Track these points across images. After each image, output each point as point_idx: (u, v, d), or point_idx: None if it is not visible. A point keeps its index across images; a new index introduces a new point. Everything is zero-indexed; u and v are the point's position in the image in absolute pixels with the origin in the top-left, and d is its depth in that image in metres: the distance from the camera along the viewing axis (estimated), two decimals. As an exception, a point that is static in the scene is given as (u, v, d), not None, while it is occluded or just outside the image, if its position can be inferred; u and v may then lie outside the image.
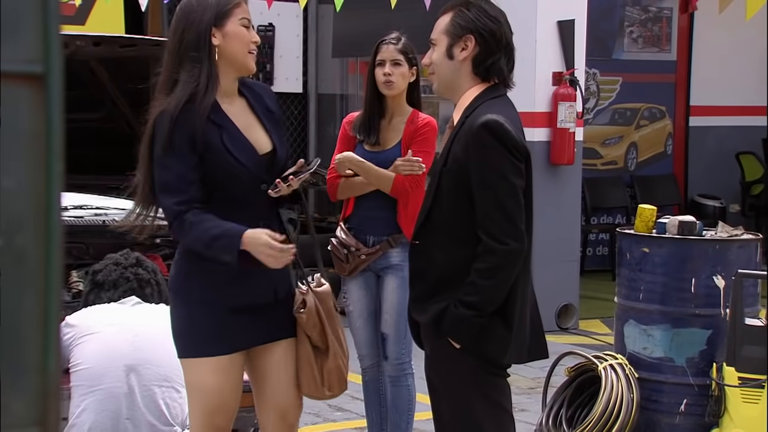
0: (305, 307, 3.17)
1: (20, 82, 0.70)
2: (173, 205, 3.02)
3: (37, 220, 0.72)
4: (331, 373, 3.22)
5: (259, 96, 3.24)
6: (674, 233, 4.83)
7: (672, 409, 4.79)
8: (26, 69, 0.71)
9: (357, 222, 4.30)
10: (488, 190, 2.89)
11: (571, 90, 7.46)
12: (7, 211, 0.71)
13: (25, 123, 0.72)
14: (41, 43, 0.70)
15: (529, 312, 3.03)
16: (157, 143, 3.05)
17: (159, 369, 3.38)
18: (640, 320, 4.86)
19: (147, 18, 8.34)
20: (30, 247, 0.72)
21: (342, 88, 10.10)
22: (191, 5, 3.12)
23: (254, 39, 3.15)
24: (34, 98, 0.71)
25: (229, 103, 3.15)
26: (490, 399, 3.01)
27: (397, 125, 4.30)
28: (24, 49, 0.71)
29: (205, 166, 3.06)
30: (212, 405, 3.14)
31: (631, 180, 9.96)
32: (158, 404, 3.36)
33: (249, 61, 3.13)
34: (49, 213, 0.71)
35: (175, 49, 3.09)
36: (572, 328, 7.64)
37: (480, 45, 3.00)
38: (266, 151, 3.16)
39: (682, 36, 10.00)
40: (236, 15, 3.11)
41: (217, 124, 3.08)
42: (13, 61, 0.70)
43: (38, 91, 0.70)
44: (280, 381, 3.22)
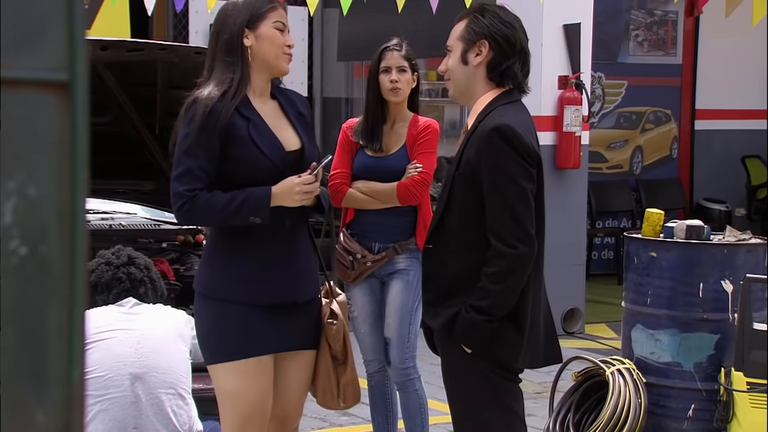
0: (336, 318, 3.18)
1: (45, 90, 0.69)
2: (185, 191, 3.05)
3: (62, 229, 0.71)
4: (348, 386, 3.24)
5: (292, 101, 3.29)
6: (682, 237, 4.81)
7: (680, 414, 4.77)
8: (51, 76, 0.70)
9: (360, 228, 4.28)
10: (499, 194, 2.90)
11: (577, 94, 7.45)
12: (31, 219, 0.71)
13: (49, 131, 0.71)
14: (66, 50, 0.69)
15: (542, 316, 3.02)
16: (183, 128, 3.10)
17: (164, 376, 3.36)
18: (648, 325, 4.85)
19: (152, 22, 8.34)
20: (54, 256, 0.71)
21: (347, 91, 10.10)
22: (228, 8, 3.20)
23: (288, 42, 3.19)
24: (59, 106, 0.70)
25: (260, 102, 3.20)
26: (503, 404, 3.01)
27: (399, 130, 4.29)
28: (49, 56, 0.71)
29: (230, 159, 3.08)
30: (239, 414, 3.12)
31: (636, 184, 9.95)
32: (166, 412, 3.34)
33: (281, 63, 3.18)
34: (73, 221, 0.70)
35: (212, 50, 3.19)
36: (578, 332, 7.63)
37: (494, 50, 3.01)
38: (293, 148, 3.18)
39: (688, 39, 9.99)
40: (270, 18, 3.16)
41: (246, 117, 3.12)
42: (38, 68, 0.69)
43: (63, 98, 0.70)
44: (291, 389, 3.23)
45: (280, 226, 3.10)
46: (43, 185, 0.71)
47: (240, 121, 3.10)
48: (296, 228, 3.17)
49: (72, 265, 0.71)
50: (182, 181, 3.06)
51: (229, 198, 3.04)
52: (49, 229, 0.71)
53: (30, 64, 0.70)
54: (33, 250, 0.71)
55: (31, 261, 0.71)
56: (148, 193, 5.09)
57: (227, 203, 3.03)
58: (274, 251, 3.12)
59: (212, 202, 3.03)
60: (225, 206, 3.03)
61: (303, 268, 3.18)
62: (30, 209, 0.71)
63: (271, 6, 3.17)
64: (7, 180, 0.70)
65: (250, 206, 3.03)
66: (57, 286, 0.71)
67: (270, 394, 3.17)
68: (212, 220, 3.14)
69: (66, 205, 0.71)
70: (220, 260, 3.14)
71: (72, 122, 0.70)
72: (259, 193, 3.05)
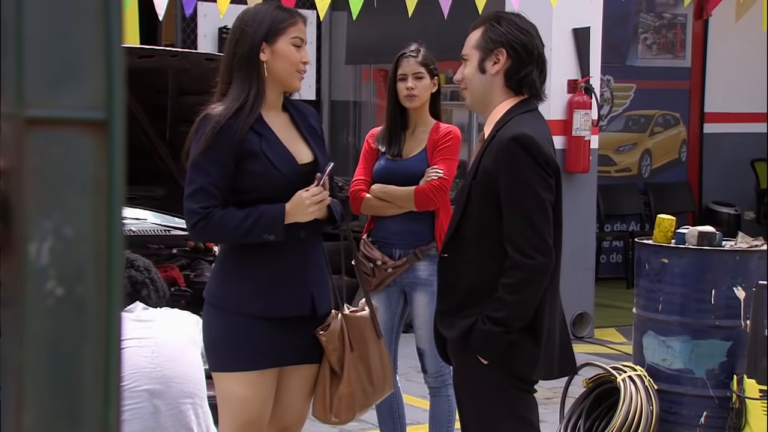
0: (327, 329, 3.16)
1: (83, 129, 0.69)
2: (199, 208, 3.03)
3: (98, 269, 0.70)
4: (341, 400, 3.20)
5: (303, 114, 3.26)
6: (694, 244, 4.80)
7: (692, 421, 4.76)
8: (89, 115, 0.69)
9: (381, 235, 4.28)
10: (517, 203, 2.88)
11: (586, 98, 7.43)
12: (67, 259, 0.70)
13: (87, 170, 0.70)
14: (104, 89, 0.68)
15: (558, 327, 3.00)
16: (195, 145, 3.07)
17: (182, 386, 3.35)
18: (659, 331, 4.83)
19: (161, 26, 8.34)
20: (91, 297, 0.70)
21: (355, 95, 10.09)
22: (247, 18, 3.15)
23: (304, 59, 3.15)
24: (96, 145, 0.69)
25: (272, 116, 3.17)
26: (518, 415, 2.99)
27: (419, 135, 4.28)
28: (87, 94, 0.70)
29: (243, 174, 3.07)
30: (243, 419, 3.14)
31: (645, 187, 9.92)
32: (186, 422, 3.32)
33: (294, 81, 3.15)
34: (110, 261, 0.70)
35: (228, 59, 3.14)
36: (587, 337, 7.61)
37: (512, 58, 2.98)
38: (306, 161, 3.16)
39: (697, 42, 9.97)
40: (289, 33, 3.12)
41: (258, 132, 3.10)
42: (76, 107, 0.68)
43: (101, 137, 0.69)
44: (292, 400, 3.23)
45: (294, 239, 3.09)
46: (79, 225, 0.70)
47: (252, 136, 3.07)
48: (309, 241, 3.15)
49: (108, 305, 0.70)
50: (195, 198, 3.04)
51: (243, 216, 3.02)
52: (85, 270, 0.71)
53: (68, 103, 0.69)
54: (69, 291, 0.70)
55: (68, 302, 0.70)
56: (158, 199, 5.09)
57: (241, 221, 3.01)
58: (287, 265, 3.10)
59: (226, 220, 3.02)
60: (239, 224, 3.01)
61: (316, 282, 3.16)
62: (66, 249, 0.70)
63: (291, 21, 3.13)
64: (44, 220, 0.69)
65: (264, 224, 3.02)
66: (93, 327, 0.70)
67: (270, 403, 3.18)
68: (226, 238, 3.13)
69: (102, 244, 0.70)
70: (233, 273, 3.13)
71: (109, 161, 0.69)
72: (272, 211, 3.03)
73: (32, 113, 0.68)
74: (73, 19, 0.69)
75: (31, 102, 0.68)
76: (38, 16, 0.68)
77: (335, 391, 3.20)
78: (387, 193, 4.19)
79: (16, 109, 0.68)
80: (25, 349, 0.69)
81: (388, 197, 4.19)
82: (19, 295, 0.69)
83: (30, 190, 0.69)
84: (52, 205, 0.70)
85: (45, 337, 0.70)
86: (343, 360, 3.18)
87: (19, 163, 0.69)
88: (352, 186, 4.31)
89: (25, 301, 0.69)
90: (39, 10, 0.68)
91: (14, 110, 0.68)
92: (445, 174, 4.14)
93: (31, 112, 0.68)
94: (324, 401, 3.20)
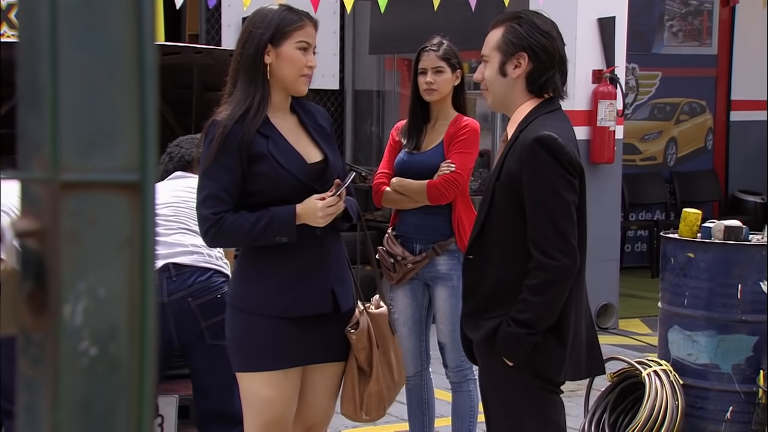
0: (357, 327, 3.17)
1: (117, 191, 0.69)
2: (210, 214, 3.04)
3: (131, 328, 0.71)
4: (371, 398, 3.22)
5: (312, 114, 3.25)
6: (720, 238, 4.77)
7: (717, 416, 4.74)
8: (122, 178, 0.70)
9: (404, 230, 4.29)
10: (541, 205, 2.86)
11: (611, 88, 7.39)
12: (101, 320, 0.71)
13: (120, 231, 0.71)
14: (138, 151, 0.69)
15: (584, 327, 3.00)
16: (203, 151, 3.07)
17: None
18: (685, 326, 4.81)
19: (185, 17, 8.36)
20: (124, 356, 0.71)
21: (379, 84, 10.07)
22: (256, 19, 3.14)
23: (309, 63, 3.12)
24: (130, 206, 0.70)
25: (279, 118, 3.16)
26: (544, 416, 2.99)
27: (439, 128, 4.28)
28: (120, 157, 0.70)
29: (254, 179, 3.07)
30: (266, 419, 3.15)
31: (670, 176, 9.87)
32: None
33: (299, 85, 3.13)
34: (143, 320, 0.70)
35: (236, 60, 3.15)
36: (612, 328, 7.59)
37: (534, 62, 2.96)
38: (315, 160, 3.16)
39: (724, 30, 9.88)
40: (295, 37, 3.10)
41: (265, 135, 3.09)
42: (110, 170, 0.69)
43: (134, 199, 0.70)
44: (318, 399, 3.25)
45: (310, 238, 3.09)
46: (113, 285, 0.71)
47: (259, 139, 3.07)
48: (328, 239, 3.15)
49: (141, 363, 0.71)
50: (207, 204, 3.04)
51: (254, 219, 3.02)
52: (118, 329, 0.72)
53: (102, 166, 0.70)
54: (102, 350, 0.71)
55: (101, 361, 0.71)
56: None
57: (253, 225, 3.02)
58: (305, 263, 3.11)
59: (238, 225, 3.02)
60: (251, 228, 3.02)
61: (337, 279, 3.16)
62: (100, 310, 0.71)
63: (298, 24, 3.11)
64: (78, 282, 0.70)
65: (275, 227, 3.02)
66: (126, 386, 0.71)
67: (294, 403, 3.19)
68: (239, 242, 3.14)
69: (136, 304, 0.71)
70: (252, 274, 3.14)
71: (142, 221, 0.70)
72: (283, 213, 3.03)
73: (67, 177, 0.69)
74: (106, 82, 0.69)
75: (66, 166, 0.69)
76: (72, 81, 0.69)
77: (364, 389, 3.21)
78: (403, 187, 4.21)
79: (52, 173, 0.69)
80: (59, 409, 0.70)
81: (404, 191, 4.21)
82: (53, 355, 0.71)
83: (65, 252, 0.70)
84: (87, 266, 0.71)
85: (79, 396, 0.71)
86: (371, 358, 3.19)
87: (54, 225, 0.70)
88: (375, 179, 4.33)
89: (60, 361, 0.70)
90: (73, 75, 0.69)
91: (50, 175, 0.69)
92: (458, 168, 4.14)
93: (66, 176, 0.69)
94: (354, 399, 3.21)
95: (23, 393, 0.72)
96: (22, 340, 0.72)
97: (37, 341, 0.71)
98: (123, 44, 0.69)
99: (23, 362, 0.72)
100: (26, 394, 0.71)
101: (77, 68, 0.69)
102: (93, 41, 0.69)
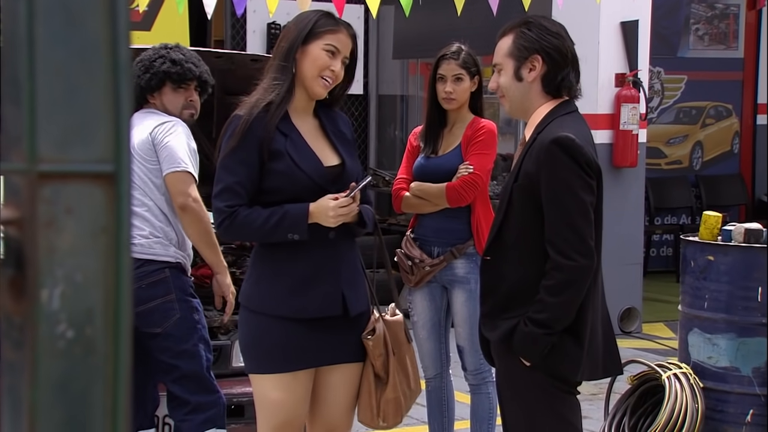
0: (374, 334, 3.19)
1: (91, 182, 0.73)
2: (225, 207, 3.07)
3: (107, 312, 0.75)
4: (389, 404, 3.23)
5: (333, 119, 3.28)
6: (740, 241, 4.76)
7: (738, 419, 4.72)
8: (98, 169, 0.74)
9: (422, 232, 4.32)
10: (558, 206, 2.88)
11: (634, 92, 7.38)
12: (77, 304, 0.74)
13: (95, 220, 0.74)
14: (113, 144, 0.72)
15: (601, 328, 3.01)
16: (224, 144, 3.12)
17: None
18: (705, 329, 4.80)
19: (211, 22, 8.43)
20: (100, 338, 0.75)
21: (402, 89, 10.11)
22: (298, 17, 3.24)
23: (333, 67, 3.14)
24: (105, 196, 0.74)
25: (300, 119, 3.20)
26: (561, 416, 3.00)
27: (456, 132, 4.31)
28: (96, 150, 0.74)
29: (269, 176, 3.10)
30: (278, 422, 3.17)
31: (696, 180, 9.82)
32: None
33: (315, 86, 3.15)
34: (118, 305, 0.74)
35: (273, 55, 3.23)
36: (635, 332, 7.57)
37: (548, 63, 2.99)
38: (332, 164, 3.19)
39: (750, 33, 9.83)
40: (324, 39, 3.14)
41: (284, 133, 3.13)
42: (85, 161, 0.72)
43: (109, 189, 0.73)
44: (337, 404, 3.25)
45: (323, 240, 3.11)
46: (89, 271, 0.75)
47: (279, 136, 3.11)
48: (341, 242, 3.16)
49: (116, 346, 0.74)
50: (222, 197, 3.07)
51: (267, 215, 3.05)
52: (94, 313, 0.75)
53: (78, 157, 0.73)
54: (79, 333, 0.74)
55: (78, 343, 0.74)
56: (205, 197, 5.15)
57: (265, 220, 3.04)
58: (317, 265, 3.12)
59: (251, 219, 3.05)
60: (263, 223, 3.04)
61: (348, 282, 3.16)
62: (77, 295, 0.75)
63: (332, 28, 3.15)
64: (56, 268, 0.74)
65: (287, 223, 3.04)
66: (102, 367, 0.74)
67: (305, 403, 3.20)
68: (251, 237, 3.18)
69: (111, 289, 0.74)
70: (264, 275, 3.16)
71: (117, 210, 0.73)
72: (296, 211, 3.05)
73: (44, 168, 0.73)
74: (82, 77, 0.73)
75: (44, 158, 0.73)
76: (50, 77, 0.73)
77: (381, 396, 3.22)
78: (422, 191, 4.23)
79: (29, 164, 0.73)
80: (37, 390, 0.73)
81: (423, 194, 4.23)
82: (31, 338, 0.74)
83: (42, 239, 0.73)
84: (64, 253, 0.74)
85: (56, 377, 0.74)
86: (387, 365, 3.20)
87: (33, 214, 0.73)
88: (394, 185, 4.36)
89: (38, 343, 0.74)
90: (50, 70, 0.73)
91: (27, 166, 0.73)
92: (477, 169, 4.15)
93: (43, 167, 0.73)
94: (371, 406, 3.21)
95: (6, 375, 0.76)
96: (5, 325, 0.76)
97: (17, 325, 0.75)
98: (98, 41, 0.73)
99: (5, 345, 0.76)
100: (9, 376, 0.75)
101: (54, 64, 0.72)
102: (69, 38, 0.72)
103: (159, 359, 3.80)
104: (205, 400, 3.80)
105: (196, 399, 3.78)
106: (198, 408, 3.79)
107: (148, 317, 3.73)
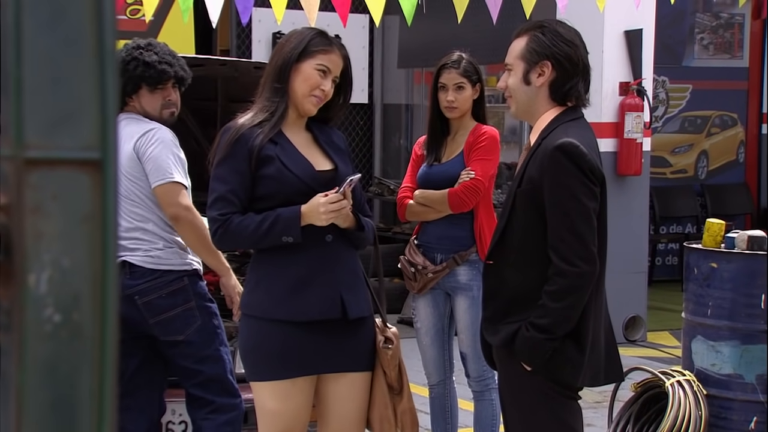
0: (392, 344, 3.19)
1: (79, 168, 0.74)
2: (218, 215, 3.08)
3: (94, 297, 0.76)
4: (405, 414, 3.22)
5: (326, 133, 3.29)
6: (743, 248, 4.76)
7: (741, 426, 4.72)
8: (84, 156, 0.75)
9: (426, 239, 4.33)
10: (561, 211, 2.88)
11: (638, 100, 7.39)
12: (64, 288, 0.75)
13: (82, 206, 0.76)
14: (99, 131, 0.74)
15: (603, 334, 3.01)
16: (216, 154, 3.14)
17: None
18: (708, 336, 4.80)
19: (216, 31, 8.47)
20: (86, 322, 0.76)
21: (407, 98, 10.13)
22: (291, 35, 3.25)
23: (323, 86, 3.17)
24: (91, 182, 0.75)
25: (292, 131, 3.22)
26: (562, 421, 3.00)
27: (459, 139, 4.32)
28: (82, 137, 0.75)
29: (260, 182, 3.11)
30: (277, 429, 3.16)
31: (701, 189, 9.82)
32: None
33: (306, 103, 3.18)
34: (104, 290, 0.75)
35: (267, 71, 3.25)
36: (640, 340, 7.56)
37: (557, 71, 2.98)
38: (324, 169, 3.20)
39: (755, 42, 9.84)
40: (317, 59, 3.17)
41: (275, 141, 3.15)
42: (72, 148, 0.74)
43: (95, 175, 0.75)
44: (345, 412, 3.22)
45: (320, 243, 3.11)
46: (76, 256, 0.76)
47: (269, 144, 3.13)
48: (338, 245, 3.16)
49: (103, 330, 0.75)
50: (215, 206, 3.09)
51: (260, 219, 3.06)
52: (81, 297, 0.76)
53: (65, 144, 0.75)
54: (66, 317, 0.76)
55: (64, 327, 0.75)
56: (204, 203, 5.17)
57: (258, 225, 3.06)
58: (315, 268, 3.12)
59: (244, 225, 3.06)
60: (257, 228, 3.06)
61: (346, 285, 3.15)
62: (63, 279, 0.76)
63: (325, 48, 3.18)
64: (43, 253, 0.75)
65: (280, 226, 3.05)
66: (89, 351, 0.76)
67: (305, 412, 3.18)
68: (246, 243, 3.17)
69: (98, 274, 0.76)
70: (261, 280, 3.16)
71: (103, 196, 0.75)
72: (288, 213, 3.06)
73: (31, 154, 0.74)
74: (69, 65, 0.75)
75: (31, 144, 0.74)
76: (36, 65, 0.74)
77: (398, 406, 3.21)
78: (425, 198, 4.25)
79: (17, 150, 0.74)
80: (24, 372, 0.75)
81: (426, 201, 4.25)
82: (19, 321, 0.75)
83: (29, 225, 0.75)
84: (51, 238, 0.76)
85: (44, 360, 0.76)
86: (401, 375, 3.21)
87: (20, 200, 0.75)
88: (399, 193, 4.38)
89: (25, 327, 0.75)
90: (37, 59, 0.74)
91: (15, 152, 0.74)
92: (479, 175, 4.17)
93: (30, 153, 0.74)
94: (388, 417, 3.19)
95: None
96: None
97: (5, 309, 0.76)
98: (84, 30, 0.74)
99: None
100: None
101: (41, 53, 0.74)
102: (56, 26, 0.74)
103: (182, 365, 3.82)
104: (228, 402, 3.82)
105: (219, 400, 3.81)
106: (220, 409, 3.81)
107: (169, 325, 3.74)
